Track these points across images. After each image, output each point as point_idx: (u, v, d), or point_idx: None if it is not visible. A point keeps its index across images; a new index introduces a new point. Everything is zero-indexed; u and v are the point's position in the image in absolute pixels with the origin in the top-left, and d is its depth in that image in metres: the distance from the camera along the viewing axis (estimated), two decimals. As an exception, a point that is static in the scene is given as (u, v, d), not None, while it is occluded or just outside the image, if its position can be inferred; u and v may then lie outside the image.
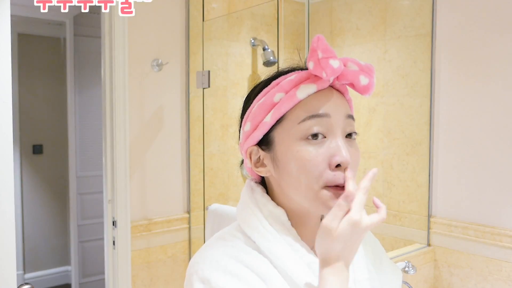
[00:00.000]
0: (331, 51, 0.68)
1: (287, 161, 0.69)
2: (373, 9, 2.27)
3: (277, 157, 0.71)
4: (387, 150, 2.22)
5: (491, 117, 1.85)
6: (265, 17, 2.43)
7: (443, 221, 2.02)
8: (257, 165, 0.75)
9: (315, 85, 0.70)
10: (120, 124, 1.94)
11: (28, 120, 3.71)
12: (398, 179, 2.19)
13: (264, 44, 2.33)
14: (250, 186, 0.78)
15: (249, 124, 0.74)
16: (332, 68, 0.67)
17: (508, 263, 1.80)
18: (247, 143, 0.75)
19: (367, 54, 2.30)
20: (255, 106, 0.73)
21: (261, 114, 0.72)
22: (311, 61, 0.68)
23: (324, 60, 0.67)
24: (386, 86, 2.21)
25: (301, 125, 0.69)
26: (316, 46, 0.68)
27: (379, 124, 2.26)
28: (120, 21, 1.92)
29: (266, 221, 0.72)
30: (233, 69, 2.39)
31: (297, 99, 0.70)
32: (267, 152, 0.73)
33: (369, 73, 0.70)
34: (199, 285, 0.66)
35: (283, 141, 0.70)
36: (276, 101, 0.71)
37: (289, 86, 0.71)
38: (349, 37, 2.37)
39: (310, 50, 0.69)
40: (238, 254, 0.69)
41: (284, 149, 0.70)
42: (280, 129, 0.71)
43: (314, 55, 0.68)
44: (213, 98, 2.29)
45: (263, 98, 0.73)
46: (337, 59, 0.68)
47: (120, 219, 1.95)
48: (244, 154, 0.77)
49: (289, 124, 0.70)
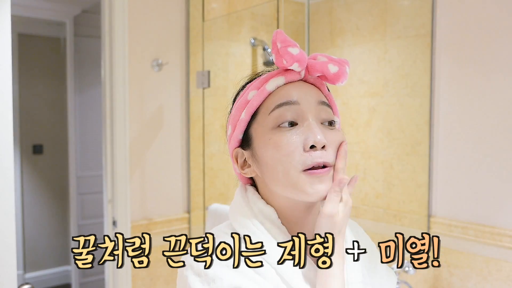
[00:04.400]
0: (290, 41, 0.71)
1: (263, 152, 0.71)
2: (373, 9, 2.27)
3: (255, 152, 0.73)
4: (387, 150, 2.22)
5: (491, 117, 1.85)
6: (265, 17, 2.43)
7: (443, 221, 2.02)
8: (244, 168, 0.77)
9: (283, 77, 0.73)
10: (120, 124, 1.94)
11: (28, 120, 3.72)
12: (398, 179, 2.19)
13: (264, 44, 2.33)
14: (243, 185, 0.80)
15: (230, 126, 0.77)
16: (291, 54, 0.70)
17: (508, 263, 1.80)
18: (231, 145, 0.77)
19: (367, 54, 2.30)
20: (233, 109, 0.77)
21: (237, 114, 0.75)
22: (273, 54, 0.72)
23: (283, 49, 0.70)
24: (386, 86, 2.21)
25: (271, 114, 0.71)
26: (275, 38, 0.71)
27: (379, 124, 2.26)
28: (120, 21, 1.92)
29: (256, 219, 0.73)
30: (233, 69, 2.39)
31: (266, 92, 0.72)
32: (248, 150, 0.75)
33: (339, 62, 0.72)
34: (195, 277, 0.66)
35: (258, 135, 0.72)
36: (250, 98, 0.74)
37: (261, 83, 0.74)
38: (349, 37, 2.37)
39: (271, 45, 0.72)
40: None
41: (260, 141, 0.72)
42: (255, 124, 0.73)
43: (274, 47, 0.71)
44: (213, 98, 2.29)
45: (239, 100, 0.76)
46: (297, 48, 0.71)
47: (120, 219, 1.95)
48: (231, 158, 0.78)
49: (262, 117, 0.72)
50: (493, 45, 1.83)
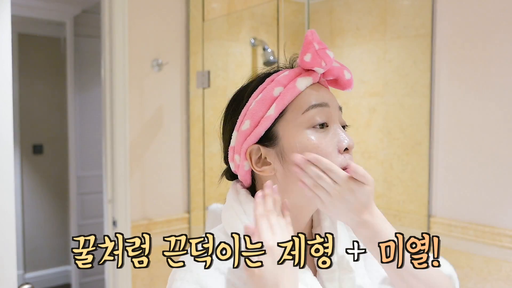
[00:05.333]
0: (324, 44, 0.72)
1: (296, 151, 0.71)
2: (373, 9, 2.27)
3: (283, 151, 0.72)
4: (387, 150, 2.22)
5: (491, 117, 1.85)
6: (265, 17, 2.43)
7: (443, 221, 2.02)
8: (259, 165, 0.74)
9: (311, 77, 0.73)
10: (120, 124, 1.94)
11: (28, 120, 3.72)
12: (398, 179, 2.19)
13: (264, 44, 2.33)
14: (235, 189, 0.78)
15: (248, 121, 0.73)
16: (329, 58, 0.71)
17: (508, 263, 1.80)
18: (247, 142, 0.73)
19: (367, 54, 2.30)
20: (253, 103, 0.73)
21: (262, 110, 0.72)
22: (308, 53, 0.71)
23: (322, 51, 0.71)
24: (386, 86, 2.21)
25: (305, 114, 0.71)
26: (312, 38, 0.71)
27: (379, 124, 2.26)
28: (120, 21, 1.92)
29: (249, 222, 0.72)
30: (233, 69, 2.39)
31: (298, 90, 0.72)
32: (271, 147, 0.73)
33: (349, 70, 0.76)
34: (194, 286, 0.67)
35: (288, 133, 0.72)
36: (276, 95, 0.72)
37: (287, 80, 0.73)
38: (349, 37, 2.37)
39: (305, 43, 0.72)
40: (218, 263, 0.67)
41: (291, 140, 0.71)
42: (284, 122, 0.72)
43: (310, 47, 0.71)
44: (213, 98, 2.29)
45: (261, 94, 0.73)
46: (331, 51, 0.72)
47: (120, 219, 1.96)
48: (242, 155, 0.74)
49: (292, 115, 0.72)
50: (493, 45, 1.83)
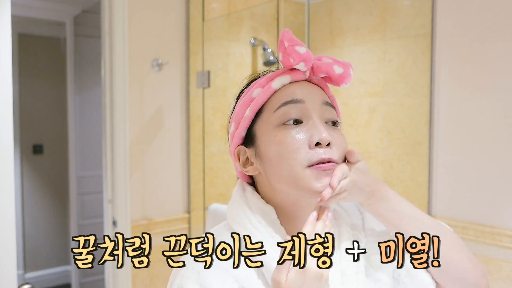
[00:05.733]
0: (297, 40, 0.71)
1: (268, 149, 0.71)
2: (373, 9, 2.27)
3: (259, 150, 0.73)
4: (387, 150, 2.22)
5: (491, 117, 1.85)
6: (265, 17, 2.43)
7: (443, 221, 2.01)
8: (246, 166, 0.76)
9: (289, 76, 0.73)
10: (120, 124, 1.94)
11: (28, 120, 3.72)
12: (398, 179, 2.19)
13: (264, 44, 2.33)
14: (241, 185, 0.79)
15: (233, 124, 0.77)
16: (298, 53, 0.70)
17: (508, 263, 1.80)
18: (233, 143, 0.77)
19: (367, 54, 2.30)
20: (237, 107, 0.77)
21: (241, 111, 0.75)
22: (280, 52, 0.72)
23: (290, 48, 0.70)
24: (386, 86, 2.21)
25: (277, 112, 0.71)
26: (283, 37, 0.72)
27: (379, 124, 2.26)
28: (120, 21, 1.92)
29: (255, 218, 0.73)
30: (233, 69, 2.39)
31: (272, 90, 0.73)
32: (251, 147, 0.75)
33: (344, 64, 0.73)
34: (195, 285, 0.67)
35: (262, 132, 0.73)
36: (254, 96, 0.74)
37: (266, 81, 0.74)
38: (349, 37, 2.37)
39: (278, 43, 0.73)
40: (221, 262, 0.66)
41: (264, 139, 0.72)
42: (260, 122, 0.73)
43: (281, 46, 0.72)
44: (213, 98, 2.29)
45: (243, 98, 0.76)
46: (304, 47, 0.71)
47: (120, 219, 1.96)
48: (232, 156, 0.78)
49: (267, 114, 0.73)
50: (493, 45, 1.83)
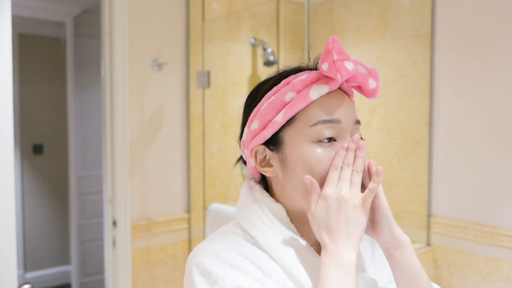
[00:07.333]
0: (345, 53, 0.68)
1: (297, 162, 0.70)
2: (373, 9, 2.27)
3: (286, 158, 0.71)
4: (387, 150, 2.22)
5: (491, 117, 1.85)
6: (265, 17, 2.43)
7: (443, 221, 2.02)
8: (262, 165, 0.75)
9: (327, 86, 0.70)
10: (120, 124, 1.94)
11: (28, 120, 3.72)
12: (398, 179, 2.19)
13: (264, 44, 2.33)
14: (249, 185, 0.79)
15: (257, 122, 0.73)
16: (346, 70, 0.68)
17: (508, 263, 1.80)
18: (254, 142, 0.74)
19: (367, 54, 2.30)
20: (264, 105, 0.72)
21: (271, 113, 0.71)
22: (325, 63, 0.68)
23: (339, 62, 0.67)
24: (386, 86, 2.21)
25: (313, 128, 0.69)
26: (332, 47, 0.68)
27: (379, 124, 2.26)
28: (120, 21, 1.92)
29: (265, 216, 0.73)
30: (233, 69, 2.40)
31: (310, 100, 0.69)
32: (275, 152, 0.73)
33: (376, 77, 0.71)
34: (200, 277, 0.66)
35: (293, 142, 0.70)
36: (288, 100, 0.71)
37: (301, 86, 0.70)
38: (349, 37, 2.37)
39: (325, 51, 0.69)
40: (238, 248, 0.69)
41: (294, 150, 0.70)
42: (291, 130, 0.71)
43: (329, 57, 0.68)
44: (213, 98, 2.29)
45: (273, 97, 0.72)
46: (351, 62, 0.68)
47: (120, 219, 1.95)
48: (248, 152, 0.76)
49: (301, 125, 0.70)
50: (493, 45, 1.83)
